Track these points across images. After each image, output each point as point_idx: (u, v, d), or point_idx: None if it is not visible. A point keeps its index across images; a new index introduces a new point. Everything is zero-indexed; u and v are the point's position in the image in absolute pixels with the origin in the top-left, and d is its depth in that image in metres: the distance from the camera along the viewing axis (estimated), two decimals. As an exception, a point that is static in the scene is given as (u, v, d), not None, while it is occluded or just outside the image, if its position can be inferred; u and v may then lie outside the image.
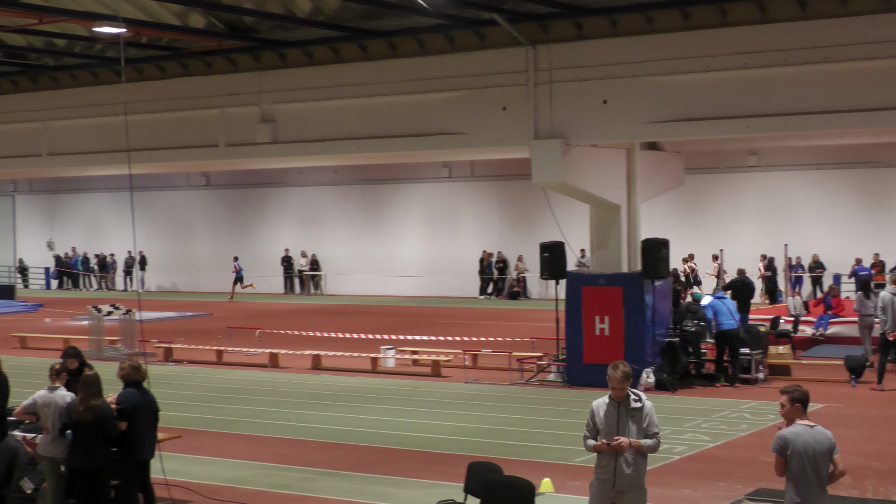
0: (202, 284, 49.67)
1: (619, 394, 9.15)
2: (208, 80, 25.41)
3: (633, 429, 9.09)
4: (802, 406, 8.52)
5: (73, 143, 27.81)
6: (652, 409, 9.23)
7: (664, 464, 14.47)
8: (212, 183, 51.06)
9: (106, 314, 27.25)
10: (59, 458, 11.43)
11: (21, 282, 53.70)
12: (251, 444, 16.58)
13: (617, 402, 9.15)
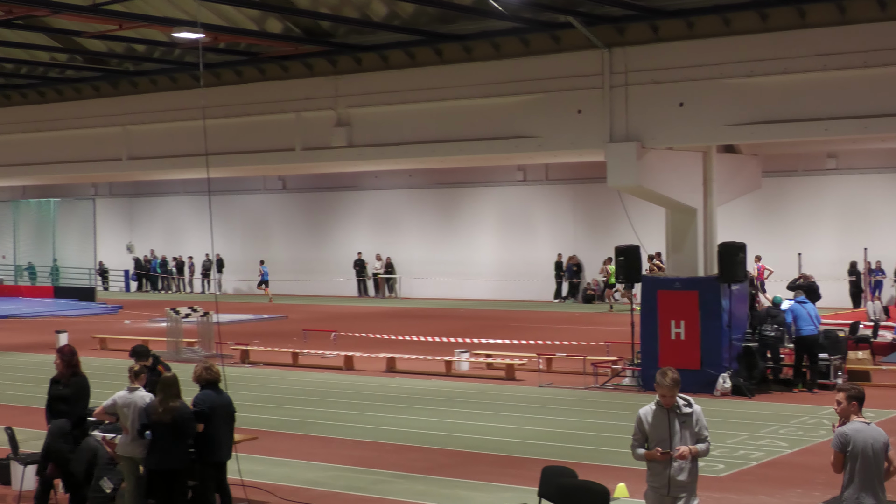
0: (278, 287, 50.06)
1: (668, 401, 9.06)
2: (285, 84, 25.65)
3: (685, 435, 9.05)
4: (858, 404, 8.57)
5: (153, 147, 28.21)
6: (701, 412, 9.18)
7: (740, 470, 14.33)
8: (288, 186, 51.48)
9: (184, 316, 27.59)
10: (139, 459, 11.59)
11: (101, 284, 54.56)
12: (326, 446, 16.68)
13: (666, 409, 9.07)
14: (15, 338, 33.23)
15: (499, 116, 22.79)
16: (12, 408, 20.64)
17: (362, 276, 48.70)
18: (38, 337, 33.01)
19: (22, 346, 31.06)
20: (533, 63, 22.32)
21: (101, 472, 12.17)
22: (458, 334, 29.22)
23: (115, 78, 28.10)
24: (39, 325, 37.30)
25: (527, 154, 24.10)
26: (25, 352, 29.65)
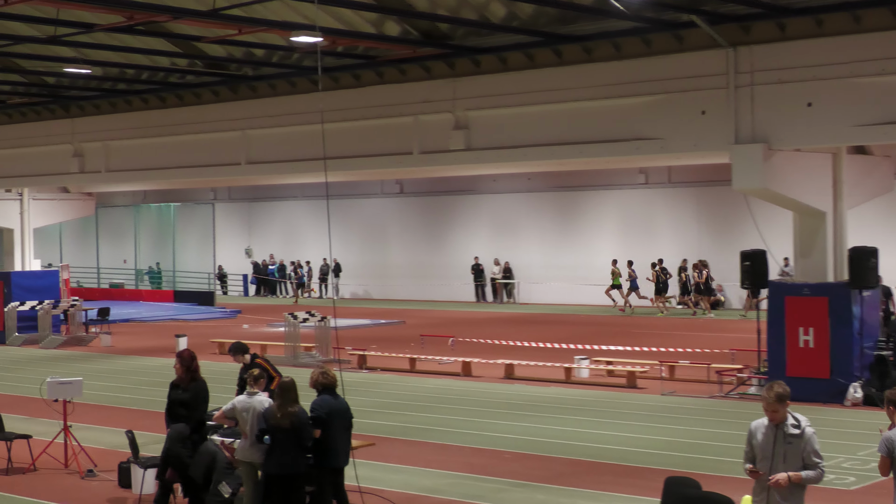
0: (395, 292, 50.42)
1: (774, 417, 8.72)
2: (403, 87, 25.82)
3: (789, 457, 8.67)
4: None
5: (271, 151, 28.65)
6: (813, 436, 8.75)
7: (872, 483, 13.98)
8: (405, 190, 51.81)
9: (301, 321, 27.93)
10: (257, 463, 11.74)
11: (220, 288, 55.57)
12: (444, 453, 16.72)
13: (775, 427, 8.76)
14: (136, 341, 34.06)
15: (620, 118, 22.63)
16: (133, 411, 21.15)
17: (480, 280, 48.75)
18: (158, 341, 33.77)
19: (143, 349, 31.81)
20: (655, 63, 22.11)
21: (219, 477, 12.35)
22: (578, 340, 29.07)
23: (234, 82, 28.60)
24: (159, 329, 38.16)
25: (649, 156, 23.88)
26: (146, 355, 30.37)
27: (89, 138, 32.70)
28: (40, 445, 16.33)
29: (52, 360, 29.89)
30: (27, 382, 24.90)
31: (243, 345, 15.16)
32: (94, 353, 31.33)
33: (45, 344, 33.01)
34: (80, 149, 32.92)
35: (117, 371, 27.45)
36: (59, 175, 34.15)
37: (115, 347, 32.45)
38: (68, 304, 34.52)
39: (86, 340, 33.69)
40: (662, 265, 42.01)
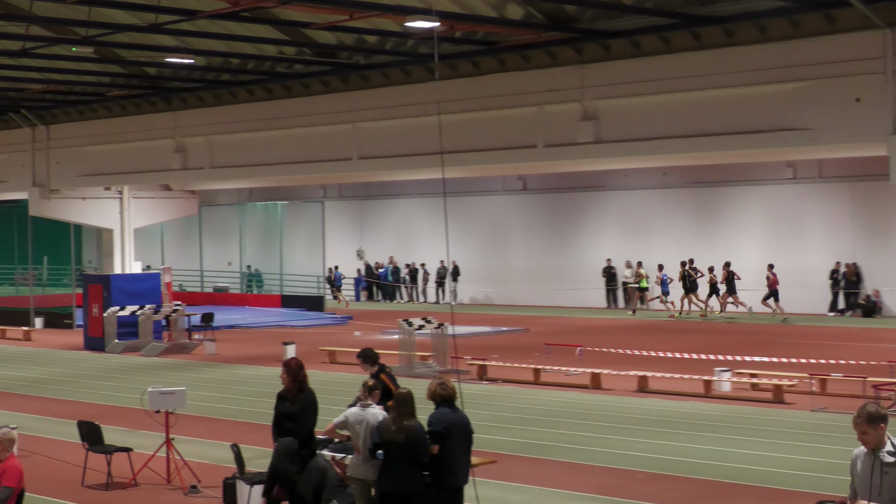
0: (518, 297, 50.39)
1: (865, 440, 8.42)
2: (526, 75, 25.80)
3: (884, 488, 8.29)
4: None
5: (384, 145, 28.87)
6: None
7: None
8: (529, 187, 51.74)
9: (417, 328, 28.06)
10: (370, 480, 11.81)
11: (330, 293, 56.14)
12: (571, 472, 16.68)
13: (872, 453, 8.42)
14: (241, 349, 34.60)
15: (765, 107, 22.31)
16: (238, 423, 21.49)
17: (612, 285, 48.46)
18: (264, 349, 34.26)
19: (248, 358, 32.31)
20: (804, 46, 21.76)
21: (330, 495, 12.47)
22: (718, 351, 28.73)
23: (344, 72, 28.90)
24: (266, 336, 38.72)
25: (797, 148, 23.51)
26: (252, 364, 30.83)
27: (192, 132, 33.35)
28: (141, 459, 16.69)
29: (153, 368, 30.54)
30: (127, 392, 25.48)
31: (373, 352, 15.22)
32: (198, 362, 31.93)
33: (146, 351, 33.76)
34: (182, 144, 33.58)
35: (222, 380, 27.92)
36: (160, 172, 34.89)
37: (219, 355, 33.03)
38: (170, 309, 35.24)
39: (189, 348, 34.36)
40: (693, 265, 43.46)
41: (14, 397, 25.75)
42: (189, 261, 58.13)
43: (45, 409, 23.72)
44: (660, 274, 45.08)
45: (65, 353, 35.12)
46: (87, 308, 36.51)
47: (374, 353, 15.23)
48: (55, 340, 38.63)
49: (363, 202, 58.03)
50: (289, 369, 13.14)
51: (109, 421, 20.69)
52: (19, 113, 37.45)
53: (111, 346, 34.74)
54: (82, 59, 29.75)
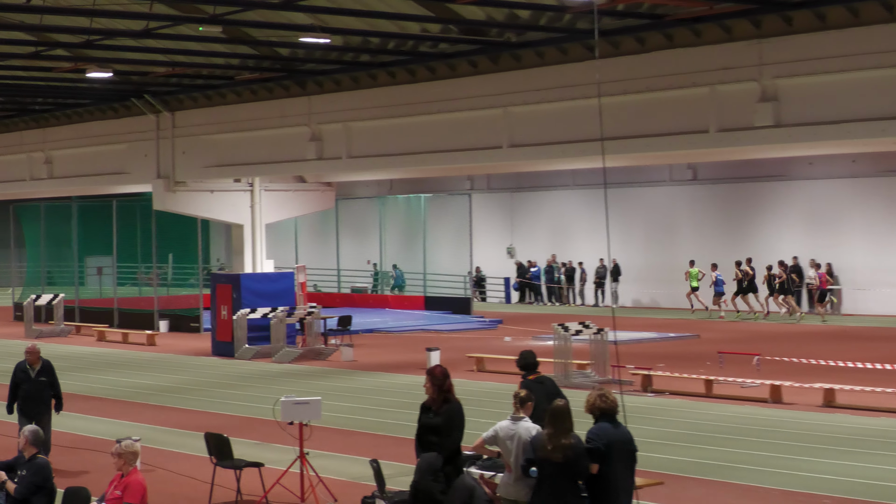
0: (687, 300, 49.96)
1: None
2: (696, 51, 25.52)
3: None
4: None
5: (537, 131, 28.82)
6: None
7: None
8: (699, 177, 51.20)
9: (574, 333, 27.99)
10: (522, 501, 11.82)
11: (478, 294, 56.31)
12: (747, 495, 16.49)
13: None
14: (381, 355, 34.89)
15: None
16: (378, 437, 21.67)
17: (797, 286, 47.75)
18: (406, 355, 34.50)
19: (389, 365, 32.56)
20: None
21: (478, 516, 12.53)
22: (916, 362, 28.12)
23: (494, 51, 28.92)
24: (408, 341, 38.99)
25: None
26: (393, 372, 31.07)
27: (328, 119, 33.70)
28: (273, 475, 16.94)
29: (286, 376, 30.97)
30: (258, 402, 25.89)
31: (527, 358, 15.24)
32: (334, 369, 32.29)
33: (278, 357, 34.27)
34: (317, 131, 33.98)
35: (360, 389, 28.19)
36: (294, 162, 35.33)
37: (357, 362, 33.37)
38: (305, 311, 35.69)
39: (324, 354, 34.77)
40: (750, 264, 45.31)
41: (137, 406, 26.36)
42: (325, 259, 58.85)
43: (169, 420, 24.22)
44: (713, 273, 46.04)
45: (191, 359, 35.84)
46: (215, 310, 37.19)
47: (532, 355, 15.25)
48: (181, 345, 39.45)
49: (514, 194, 58.05)
50: (433, 378, 13.21)
51: (239, 433, 21.04)
52: (142, 99, 38.26)
53: (241, 352, 35.33)
54: (210, 40, 30.28)
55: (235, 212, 39.71)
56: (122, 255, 51.55)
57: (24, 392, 18.68)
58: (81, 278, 56.05)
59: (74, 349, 38.90)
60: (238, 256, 39.72)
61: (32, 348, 19.01)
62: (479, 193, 57.93)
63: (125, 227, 51.04)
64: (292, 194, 41.13)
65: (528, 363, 15.20)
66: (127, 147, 40.33)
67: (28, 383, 18.70)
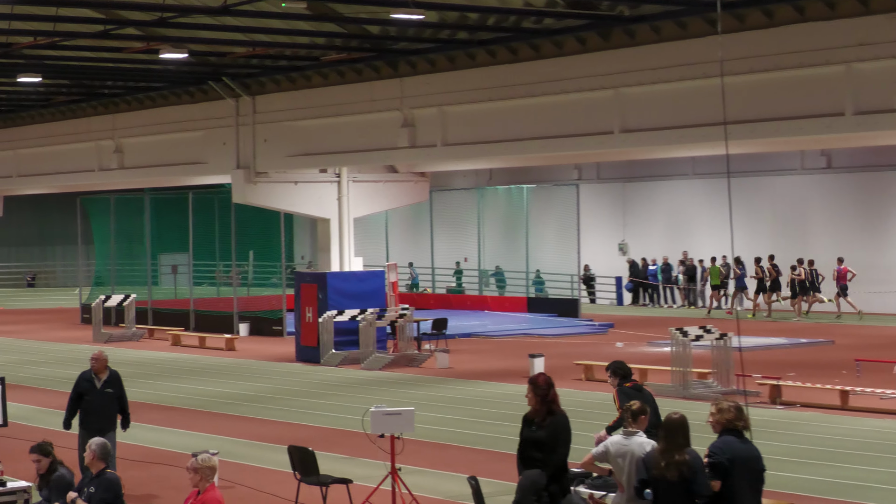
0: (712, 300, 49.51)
1: None
2: (831, 25, 25.21)
3: None
4: None
5: (652, 115, 28.64)
6: None
7: None
8: (834, 164, 50.62)
9: (693, 339, 27.78)
10: (636, 525, 11.79)
11: (586, 295, 56.10)
12: (888, 520, 16.28)
13: None
14: (479, 362, 34.89)
15: None
16: (476, 452, 21.67)
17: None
18: (507, 362, 34.45)
19: (488, 372, 32.55)
20: None
21: (588, 540, 12.48)
22: None
23: (605, 26, 28.78)
24: (509, 346, 38.93)
25: None
26: (492, 380, 31.05)
27: (422, 103, 33.74)
28: (362, 492, 16.99)
29: (376, 384, 31.07)
30: (346, 412, 26.00)
31: (624, 366, 15.19)
32: (428, 377, 32.34)
33: (367, 364, 34.37)
34: (410, 117, 34.04)
35: (456, 399, 28.21)
36: (384, 150, 35.45)
37: (453, 369, 33.40)
38: (396, 313, 35.75)
39: (418, 360, 34.83)
40: (773, 262, 47.25)
41: (215, 417, 26.58)
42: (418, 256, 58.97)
43: (250, 432, 24.40)
44: (737, 268, 47.24)
45: (273, 365, 36.07)
46: (299, 312, 37.39)
47: (623, 365, 15.24)
48: (262, 350, 39.72)
49: (626, 185, 57.78)
50: (536, 387, 13.18)
51: (325, 447, 21.14)
52: (221, 82, 38.56)
53: (327, 358, 35.49)
54: (294, 17, 30.45)
55: (321, 205, 39.92)
56: (198, 252, 52.03)
57: (88, 404, 18.36)
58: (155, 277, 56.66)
59: (147, 354, 39.32)
60: (324, 253, 39.96)
61: (99, 355, 18.73)
62: (588, 184, 57.69)
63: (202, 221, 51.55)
64: (383, 186, 41.25)
65: (627, 371, 15.23)
66: (204, 135, 40.69)
67: (92, 395, 18.39)
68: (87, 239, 59.35)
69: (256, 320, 45.40)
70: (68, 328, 50.04)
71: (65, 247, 73.46)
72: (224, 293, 51.83)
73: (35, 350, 41.82)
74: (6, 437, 20.92)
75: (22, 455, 21.25)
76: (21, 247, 75.81)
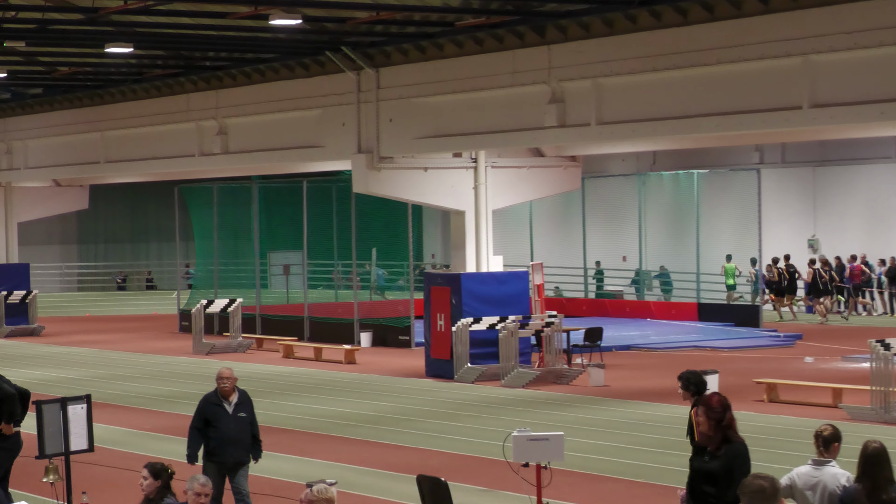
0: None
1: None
2: None
3: None
4: None
5: (849, 87, 28.25)
6: None
7: None
8: None
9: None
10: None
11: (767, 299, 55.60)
12: None
13: None
14: (640, 380, 34.70)
15: None
16: (637, 485, 21.63)
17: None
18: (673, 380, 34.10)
19: (650, 392, 32.37)
20: None
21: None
22: None
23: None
24: (676, 361, 38.57)
25: None
26: (654, 401, 30.87)
27: (573, 74, 33.57)
28: (503, 530, 17.01)
29: (519, 404, 31.06)
30: (484, 437, 26.03)
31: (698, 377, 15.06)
32: (580, 396, 32.28)
33: (508, 380, 34.34)
34: (559, 91, 33.90)
35: (613, 423, 28.13)
36: (529, 131, 35.35)
37: (609, 388, 33.28)
38: (542, 321, 35.66)
39: (567, 376, 34.73)
40: (788, 262, 50.71)
41: (332, 441, 26.74)
42: (567, 254, 58.75)
43: (373, 459, 24.50)
44: (753, 269, 49.09)
45: (400, 380, 36.23)
46: (429, 320, 37.45)
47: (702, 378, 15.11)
48: (387, 364, 39.92)
49: (817, 170, 57.20)
50: (709, 410, 13.07)
51: (459, 476, 21.15)
52: (339, 52, 38.66)
53: (462, 373, 35.52)
54: (423, -24, 30.52)
55: (455, 195, 39.86)
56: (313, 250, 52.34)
57: (219, 433, 17.97)
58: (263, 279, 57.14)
59: (254, 368, 39.63)
60: (458, 251, 39.91)
61: (229, 373, 18.32)
62: (771, 168, 57.19)
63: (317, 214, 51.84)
64: (527, 172, 41.10)
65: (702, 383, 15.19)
66: (320, 114, 40.89)
67: (224, 422, 18.00)
68: (187, 235, 59.93)
69: (380, 329, 45.63)
70: (164, 337, 50.71)
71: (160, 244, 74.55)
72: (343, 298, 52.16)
73: (126, 363, 42.43)
74: (92, 464, 21.10)
75: (109, 485, 21.66)
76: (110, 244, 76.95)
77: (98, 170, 52.14)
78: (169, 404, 31.12)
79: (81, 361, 43.25)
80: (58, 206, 59.45)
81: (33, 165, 54.04)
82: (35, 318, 54.72)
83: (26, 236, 62.53)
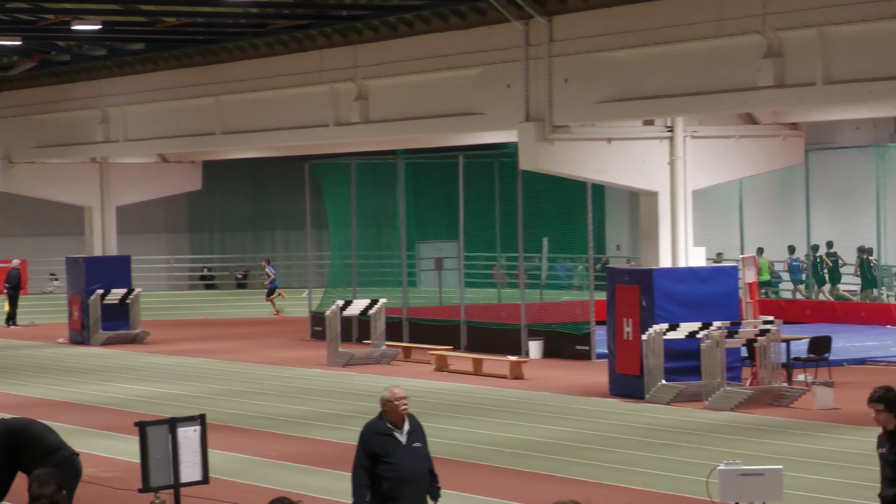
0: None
1: None
2: None
3: None
4: None
5: None
6: None
7: None
8: None
9: None
10: None
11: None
12: None
13: None
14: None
15: None
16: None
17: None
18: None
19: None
20: None
21: None
22: None
23: None
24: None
25: None
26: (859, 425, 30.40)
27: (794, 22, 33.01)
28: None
29: (725, 430, 30.97)
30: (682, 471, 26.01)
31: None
32: (803, 421, 32.08)
33: (713, 401, 34.07)
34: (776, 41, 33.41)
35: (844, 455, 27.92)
36: (738, 92, 34.93)
37: (839, 411, 32.97)
38: (756, 329, 35.29)
39: (787, 397, 34.38)
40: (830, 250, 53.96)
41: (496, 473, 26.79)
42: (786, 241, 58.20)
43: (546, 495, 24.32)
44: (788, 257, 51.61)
45: (578, 400, 36.20)
46: (613, 326, 37.26)
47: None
48: (561, 379, 39.95)
49: None
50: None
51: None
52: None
53: (654, 392, 35.34)
54: None
55: (645, 172, 39.52)
56: (471, 241, 52.22)
57: (395, 472, 17.32)
58: (411, 275, 57.28)
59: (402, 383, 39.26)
60: (649, 242, 39.58)
61: (400, 394, 18.05)
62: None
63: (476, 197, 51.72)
64: (735, 143, 40.65)
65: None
66: (479, 73, 40.74)
67: (399, 455, 17.42)
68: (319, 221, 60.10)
69: (553, 337, 45.52)
70: (293, 345, 51.13)
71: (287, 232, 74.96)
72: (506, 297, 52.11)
73: (247, 376, 42.78)
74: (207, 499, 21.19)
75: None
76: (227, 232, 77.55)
77: (213, 143, 52.07)
78: (299, 427, 31.31)
79: (193, 374, 43.72)
80: (164, 187, 59.68)
81: (134, 137, 54.01)
82: (137, 321, 55.29)
83: (126, 223, 62.56)
